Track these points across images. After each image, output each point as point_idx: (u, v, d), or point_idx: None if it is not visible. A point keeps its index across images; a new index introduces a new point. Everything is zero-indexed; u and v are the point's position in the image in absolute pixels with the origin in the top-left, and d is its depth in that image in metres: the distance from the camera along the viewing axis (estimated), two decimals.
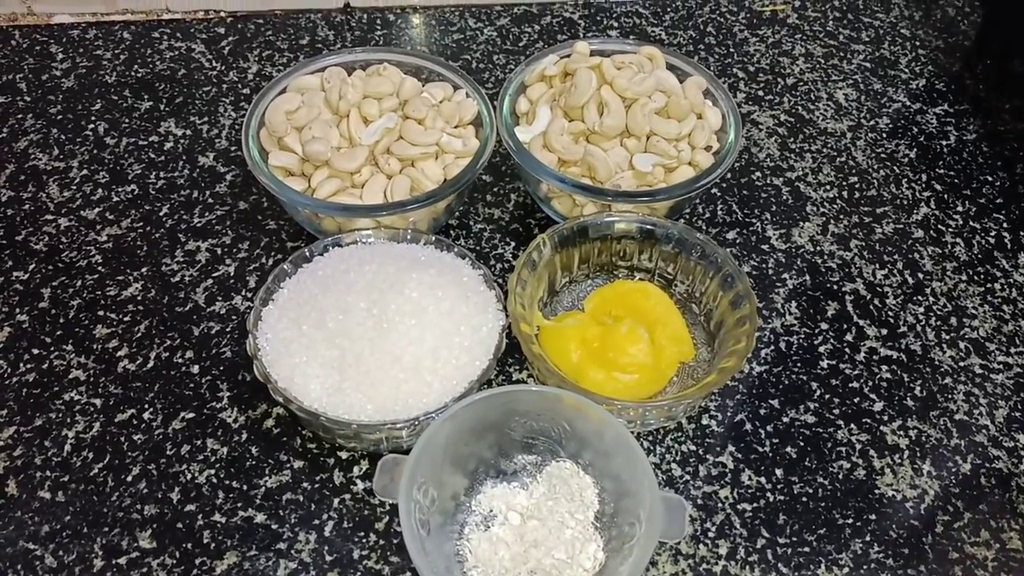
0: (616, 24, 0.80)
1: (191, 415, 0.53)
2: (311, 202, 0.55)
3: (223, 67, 0.74)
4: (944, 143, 0.71)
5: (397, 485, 0.44)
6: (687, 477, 0.52)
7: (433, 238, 0.55)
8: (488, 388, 0.48)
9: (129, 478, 0.50)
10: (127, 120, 0.70)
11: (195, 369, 0.55)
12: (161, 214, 0.63)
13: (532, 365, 0.54)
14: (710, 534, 0.50)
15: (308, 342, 0.49)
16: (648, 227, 0.57)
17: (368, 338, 0.48)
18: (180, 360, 0.56)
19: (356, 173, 0.57)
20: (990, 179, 0.69)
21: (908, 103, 0.74)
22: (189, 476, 0.51)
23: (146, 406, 0.53)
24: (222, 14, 0.79)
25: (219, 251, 0.61)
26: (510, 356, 0.56)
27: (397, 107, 0.59)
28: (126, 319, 0.58)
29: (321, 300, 0.50)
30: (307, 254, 0.54)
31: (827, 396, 0.56)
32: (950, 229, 0.65)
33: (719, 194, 0.66)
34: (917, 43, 0.80)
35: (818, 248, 0.64)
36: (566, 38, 0.78)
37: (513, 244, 0.63)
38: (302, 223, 0.60)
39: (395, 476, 0.45)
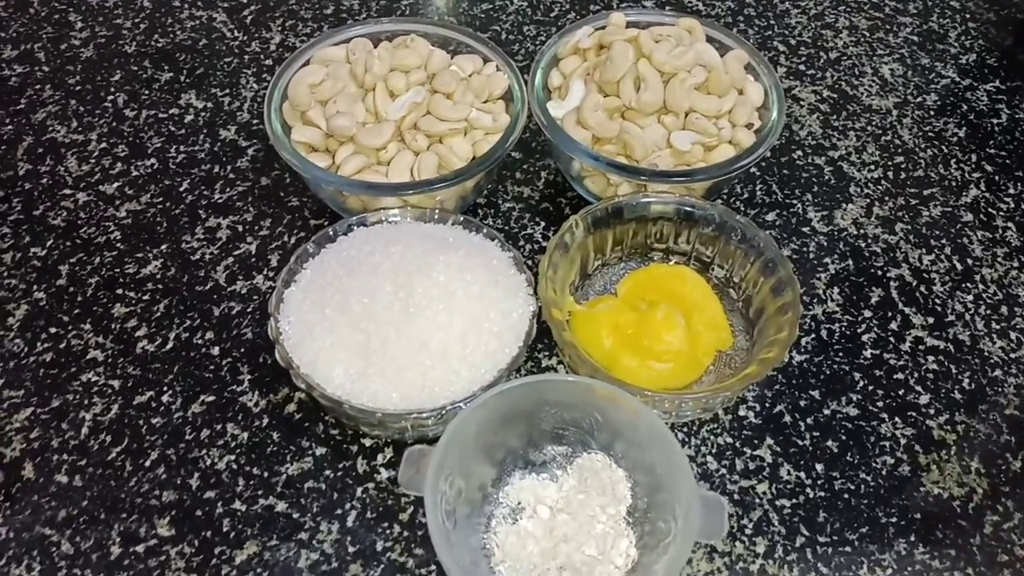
0: None
1: (211, 398, 0.52)
2: (335, 179, 0.53)
3: (245, 37, 0.72)
4: (995, 121, 0.68)
5: (423, 478, 0.42)
6: (723, 471, 0.50)
7: (461, 218, 0.53)
8: (518, 376, 0.47)
9: (147, 463, 0.49)
10: (147, 92, 0.68)
11: (215, 351, 0.54)
12: (181, 190, 0.62)
13: (563, 352, 0.51)
14: (747, 531, 0.48)
15: (332, 326, 0.47)
16: (686, 208, 0.54)
17: (394, 323, 0.46)
18: (200, 341, 0.54)
19: (382, 149, 0.54)
20: None
21: (957, 79, 0.71)
22: (209, 462, 0.49)
23: (165, 388, 0.52)
24: None
25: (240, 228, 0.60)
26: (540, 341, 0.54)
27: (425, 80, 0.57)
28: (145, 298, 0.56)
29: (346, 282, 0.48)
30: (331, 234, 0.52)
31: (870, 388, 0.53)
32: (1001, 213, 0.62)
33: (758, 173, 0.64)
34: (967, 15, 0.76)
35: (862, 231, 0.61)
36: (599, 8, 0.76)
37: (543, 224, 0.60)
38: (326, 200, 0.58)
39: (421, 468, 0.43)
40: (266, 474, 0.49)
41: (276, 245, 0.59)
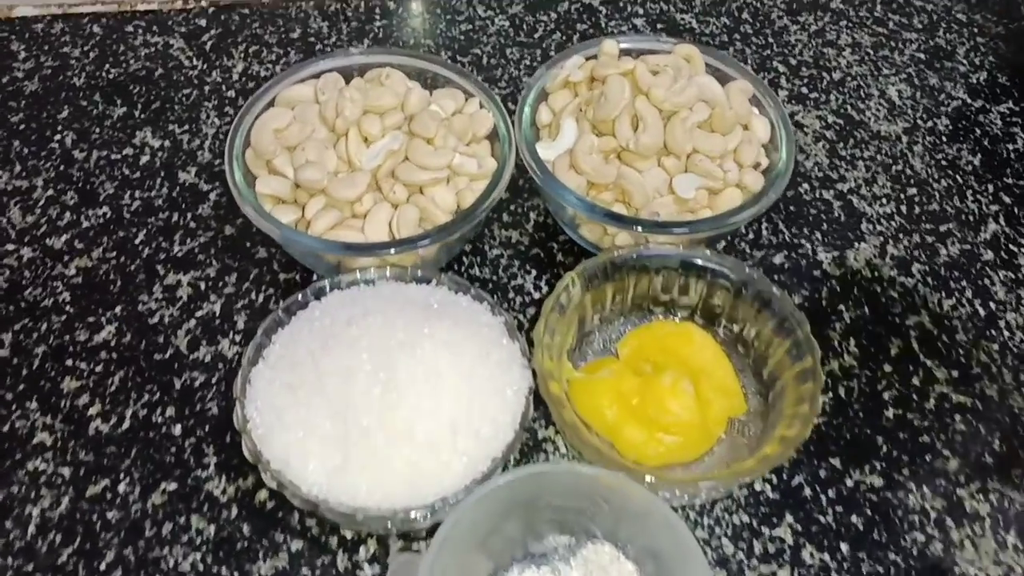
0: (641, 11, 0.72)
1: (173, 486, 0.47)
2: (308, 241, 0.48)
3: (205, 65, 0.66)
4: (1011, 147, 0.64)
5: None
6: (741, 555, 0.45)
7: (445, 278, 0.48)
8: (514, 463, 0.42)
9: (103, 565, 0.44)
10: (98, 130, 0.62)
11: (177, 429, 0.48)
12: (137, 242, 0.56)
13: (562, 430, 0.47)
14: None
15: (305, 413, 0.42)
16: (692, 261, 0.49)
17: (375, 409, 0.41)
18: (160, 419, 0.49)
19: (356, 202, 0.49)
20: None
21: (968, 100, 0.67)
22: (172, 562, 0.44)
23: (122, 475, 0.47)
24: (203, 3, 0.71)
25: (203, 285, 0.54)
26: (534, 410, 0.49)
27: (402, 123, 0.51)
28: (98, 369, 0.51)
29: (320, 359, 0.43)
30: (301, 300, 0.47)
31: (895, 453, 0.49)
32: (1022, 250, 0.58)
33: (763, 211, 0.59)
34: (975, 30, 0.72)
35: (876, 274, 0.57)
36: (586, 27, 0.71)
37: (534, 273, 0.56)
38: (294, 255, 0.53)
39: None
40: (236, 575, 0.44)
41: (243, 304, 0.54)
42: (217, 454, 0.48)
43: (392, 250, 0.47)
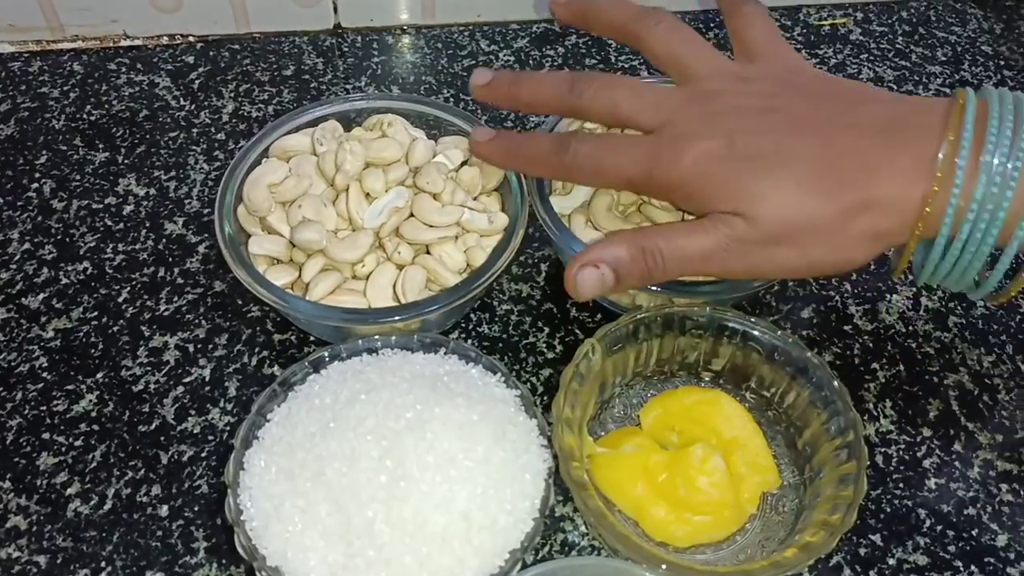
0: None
1: None
2: (306, 308, 0.44)
3: (193, 106, 0.63)
4: None
5: None
6: None
7: (454, 344, 0.45)
8: (536, 558, 0.38)
9: None
10: (78, 177, 0.58)
11: (163, 511, 0.45)
12: (120, 300, 0.52)
13: (584, 514, 0.43)
14: None
15: (305, 503, 0.38)
16: (722, 323, 0.46)
17: (381, 499, 0.38)
18: (145, 499, 0.45)
19: (358, 263, 0.46)
20: None
21: None
22: None
23: (103, 564, 0.43)
24: (190, 39, 0.67)
25: (191, 348, 0.50)
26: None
27: (406, 176, 0.48)
28: (78, 443, 0.47)
29: (320, 443, 0.40)
30: (299, 373, 0.43)
31: (939, 528, 0.46)
32: None
33: None
34: (1001, 62, 0.69)
35: (911, 328, 0.53)
36: (596, 62, 0.67)
37: (547, 330, 0.52)
38: (290, 318, 0.49)
39: None
40: None
41: (234, 368, 0.50)
42: (208, 538, 0.44)
43: (397, 317, 0.44)
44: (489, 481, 0.39)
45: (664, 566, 0.38)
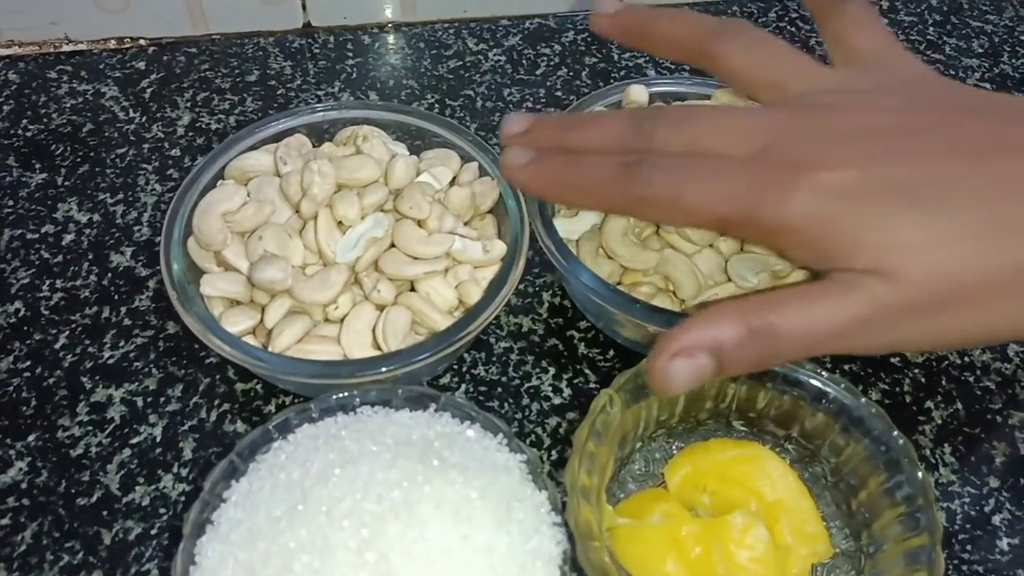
0: None
1: None
2: (268, 361, 0.37)
3: (144, 118, 0.55)
4: None
5: None
6: None
7: (446, 400, 0.38)
8: None
9: None
10: (11, 202, 0.51)
11: None
12: (57, 347, 0.45)
13: None
14: None
15: None
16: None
17: None
18: None
19: (331, 304, 0.39)
20: None
21: None
22: None
23: None
24: (141, 42, 0.60)
25: (140, 403, 0.43)
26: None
27: (385, 199, 0.41)
28: (5, 522, 0.40)
29: (286, 530, 0.32)
30: (261, 440, 0.36)
31: None
32: None
33: None
34: None
35: (967, 359, 0.47)
36: (596, 60, 0.60)
37: (552, 371, 0.45)
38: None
39: None
40: None
41: (191, 426, 0.43)
42: None
43: (383, 368, 0.37)
44: (494, 574, 0.32)
45: None
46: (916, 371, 0.46)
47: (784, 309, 0.30)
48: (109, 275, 0.48)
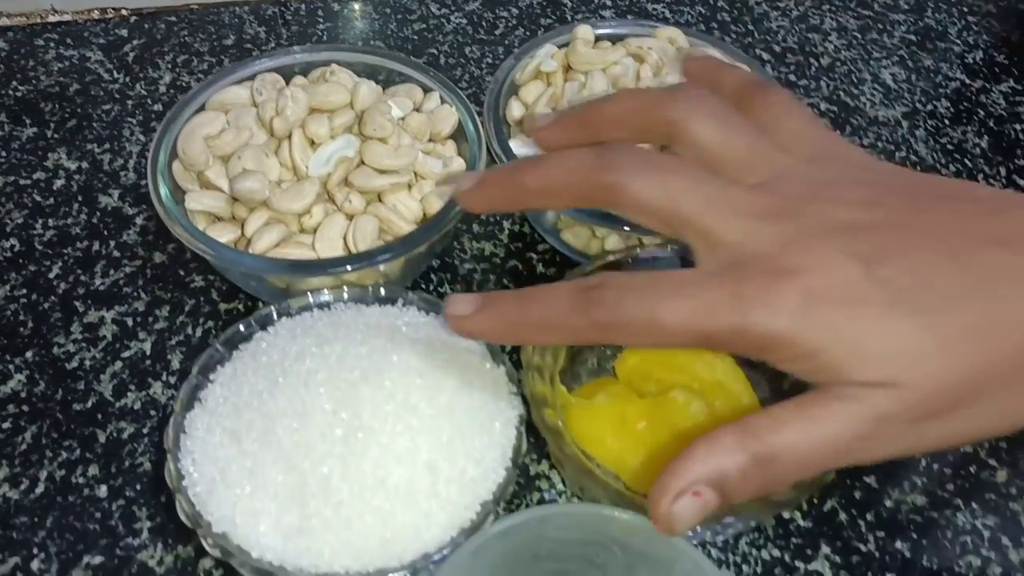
0: (609, 2, 0.66)
1: (98, 559, 0.39)
2: (248, 261, 0.41)
3: (127, 78, 0.59)
4: (1018, 127, 0.59)
5: None
6: None
7: (414, 296, 0.42)
8: (509, 508, 0.35)
9: None
10: (4, 153, 0.54)
11: (102, 491, 0.41)
12: (51, 276, 0.48)
13: (560, 464, 0.40)
14: None
15: (253, 464, 0.35)
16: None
17: (337, 455, 0.34)
18: (81, 480, 0.41)
19: (305, 214, 0.42)
20: None
21: (967, 81, 0.62)
22: None
23: (35, 551, 0.39)
24: (123, 12, 0.63)
25: (130, 322, 0.47)
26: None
27: (353, 123, 0.45)
28: (6, 426, 0.43)
29: (268, 401, 0.36)
30: (243, 331, 0.40)
31: (935, 466, 0.43)
32: None
33: None
34: (964, 8, 0.68)
35: None
36: (551, 21, 0.65)
37: (513, 287, 0.49)
38: (236, 282, 0.46)
39: None
40: None
41: (178, 340, 0.46)
42: (151, 518, 0.40)
43: (349, 267, 0.40)
44: (455, 430, 0.36)
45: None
46: None
47: (785, 432, 0.29)
48: (98, 214, 0.51)
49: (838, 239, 0.29)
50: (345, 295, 0.41)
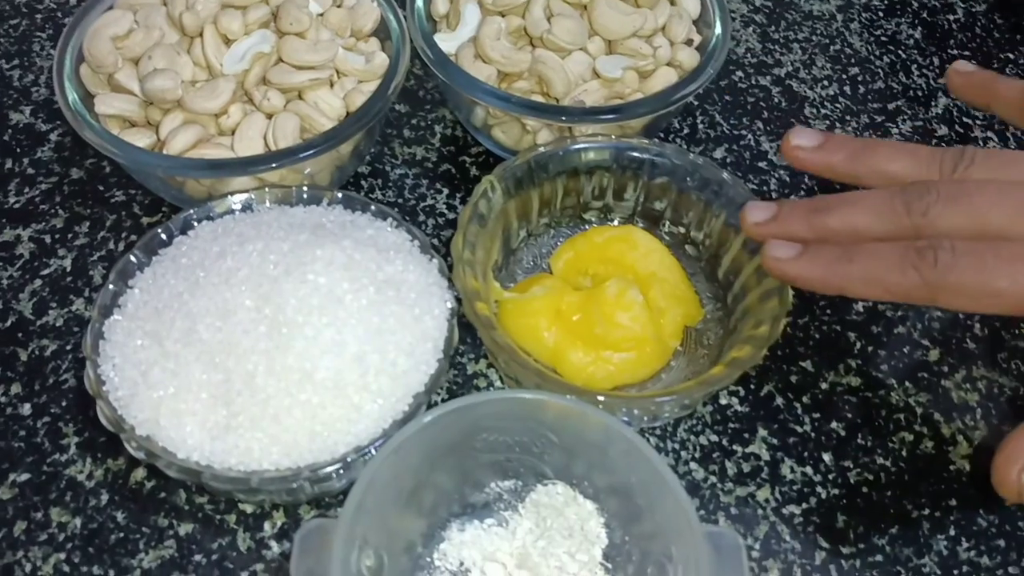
0: None
1: (24, 476, 0.38)
2: (161, 161, 0.39)
3: None
4: (951, 17, 0.59)
5: (327, 565, 0.30)
6: (713, 479, 0.39)
7: (340, 195, 0.40)
8: (440, 399, 0.35)
9: None
10: None
11: (26, 409, 0.40)
12: None
13: (495, 357, 0.40)
14: (754, 553, 0.38)
15: (176, 365, 0.34)
16: (626, 153, 0.43)
17: (262, 351, 0.34)
18: (3, 399, 0.40)
19: (222, 114, 0.41)
20: (1011, 56, 0.57)
21: None
22: (29, 567, 0.36)
23: None
24: None
25: (48, 240, 0.45)
26: (461, 342, 0.41)
27: (268, 18, 0.43)
28: None
29: (189, 301, 0.35)
30: (162, 236, 0.39)
31: (870, 348, 0.44)
32: (978, 122, 0.53)
33: (697, 103, 0.53)
34: None
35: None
36: None
37: (446, 191, 0.48)
38: (158, 191, 0.44)
39: (323, 549, 0.31)
40: (113, 572, 0.36)
41: (99, 256, 0.45)
42: (78, 433, 0.39)
43: (273, 164, 0.39)
44: (384, 323, 0.35)
45: (602, 398, 0.35)
46: (781, 171, 0.50)
47: None
48: (9, 131, 0.49)
49: None
50: (268, 197, 0.40)
